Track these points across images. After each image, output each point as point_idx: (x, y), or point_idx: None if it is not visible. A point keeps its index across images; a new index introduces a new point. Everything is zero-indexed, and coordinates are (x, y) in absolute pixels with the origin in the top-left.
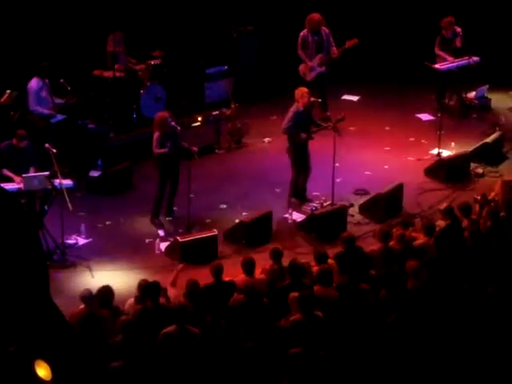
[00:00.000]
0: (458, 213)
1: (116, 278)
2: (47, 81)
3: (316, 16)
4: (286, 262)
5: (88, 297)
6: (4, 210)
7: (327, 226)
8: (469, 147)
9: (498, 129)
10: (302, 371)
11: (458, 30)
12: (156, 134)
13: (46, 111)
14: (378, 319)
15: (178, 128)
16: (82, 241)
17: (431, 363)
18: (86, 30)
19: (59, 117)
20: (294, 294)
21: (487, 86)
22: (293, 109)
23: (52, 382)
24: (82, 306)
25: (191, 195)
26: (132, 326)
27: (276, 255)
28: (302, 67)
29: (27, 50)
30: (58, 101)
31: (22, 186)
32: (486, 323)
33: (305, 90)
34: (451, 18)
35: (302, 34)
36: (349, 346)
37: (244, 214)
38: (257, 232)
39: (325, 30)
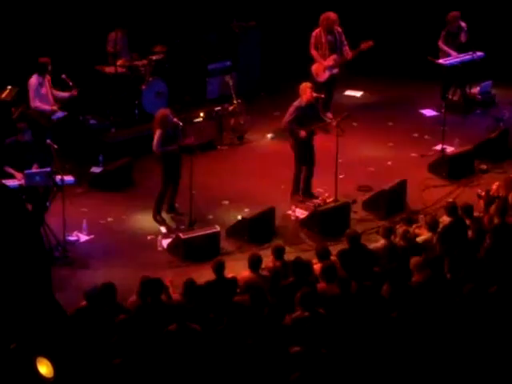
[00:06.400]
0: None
1: (118, 274)
2: (48, 77)
3: (332, 15)
4: (289, 258)
5: (92, 294)
6: (5, 206)
7: (330, 222)
8: (473, 143)
9: (502, 124)
10: (304, 369)
11: (463, 25)
12: (158, 133)
13: (47, 108)
14: (381, 316)
15: (180, 124)
16: (83, 237)
17: (433, 360)
18: (88, 25)
19: (60, 113)
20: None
21: (491, 82)
22: (295, 103)
23: (54, 379)
24: (84, 303)
25: (193, 191)
26: (130, 325)
27: (278, 252)
28: (314, 67)
29: (28, 45)
30: (63, 95)
31: (23, 182)
32: (489, 322)
33: (308, 84)
34: (457, 13)
35: (314, 33)
36: (351, 343)
37: (246, 210)
38: (259, 228)
39: (338, 29)
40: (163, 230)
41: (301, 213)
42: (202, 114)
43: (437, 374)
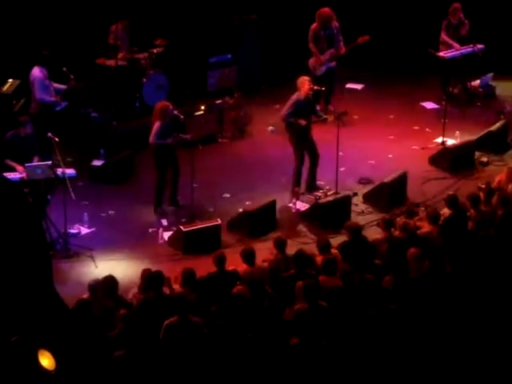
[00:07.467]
0: (466, 202)
1: (119, 267)
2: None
3: (327, 11)
4: (290, 251)
5: (95, 286)
6: (7, 199)
7: (331, 215)
8: (473, 135)
9: (502, 117)
10: (304, 361)
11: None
12: (156, 124)
13: (52, 99)
14: (382, 308)
15: (181, 117)
16: (84, 230)
17: (433, 354)
18: (89, 18)
19: (63, 104)
20: (300, 284)
21: (492, 74)
22: (294, 97)
23: (55, 371)
24: (87, 295)
25: (194, 184)
26: (131, 319)
27: (279, 244)
28: (311, 61)
29: (29, 38)
30: (60, 86)
31: (24, 175)
32: (491, 315)
33: (306, 78)
34: (457, 5)
35: (313, 27)
36: (352, 336)
37: (247, 203)
38: (260, 221)
39: (335, 24)
40: (164, 222)
41: (302, 205)
42: (202, 107)
43: (436, 366)
